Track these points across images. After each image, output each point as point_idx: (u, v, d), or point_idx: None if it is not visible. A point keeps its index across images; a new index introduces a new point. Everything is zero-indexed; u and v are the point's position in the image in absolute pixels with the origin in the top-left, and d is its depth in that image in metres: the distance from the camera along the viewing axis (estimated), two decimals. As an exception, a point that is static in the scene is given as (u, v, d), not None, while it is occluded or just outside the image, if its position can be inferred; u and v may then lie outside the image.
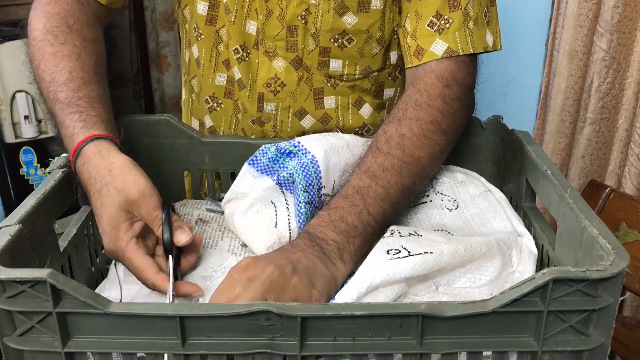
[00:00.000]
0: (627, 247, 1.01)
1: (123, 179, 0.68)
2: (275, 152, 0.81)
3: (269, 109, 0.94)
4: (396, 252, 0.64)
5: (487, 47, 0.87)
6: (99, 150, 0.70)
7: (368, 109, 0.97)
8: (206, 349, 0.53)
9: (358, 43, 0.90)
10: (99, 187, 0.69)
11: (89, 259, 0.79)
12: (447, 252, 0.65)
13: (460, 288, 0.68)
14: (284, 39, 0.89)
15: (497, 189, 0.86)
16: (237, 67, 0.93)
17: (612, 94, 1.72)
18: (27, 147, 2.01)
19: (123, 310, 0.52)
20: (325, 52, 0.90)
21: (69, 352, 0.54)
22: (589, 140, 1.78)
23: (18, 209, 0.64)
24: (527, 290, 0.52)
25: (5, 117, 1.95)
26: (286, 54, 0.90)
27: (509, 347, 0.55)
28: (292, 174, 0.77)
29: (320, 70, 0.92)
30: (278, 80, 0.92)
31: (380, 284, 0.61)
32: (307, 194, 0.76)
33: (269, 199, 0.80)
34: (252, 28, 0.90)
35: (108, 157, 0.70)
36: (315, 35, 0.89)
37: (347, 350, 0.54)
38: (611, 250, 0.55)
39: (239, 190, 0.82)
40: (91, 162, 0.70)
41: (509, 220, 0.80)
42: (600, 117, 1.75)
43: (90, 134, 0.72)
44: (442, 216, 0.82)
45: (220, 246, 0.78)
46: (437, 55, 0.84)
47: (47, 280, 0.51)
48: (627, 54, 1.69)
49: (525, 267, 0.72)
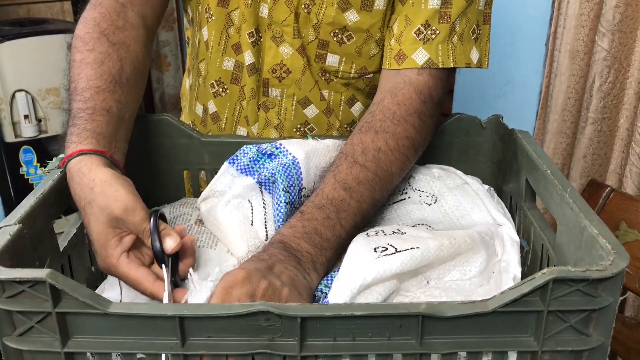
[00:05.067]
0: (627, 246, 1.01)
1: (104, 197, 0.67)
2: (257, 153, 0.82)
3: (274, 94, 0.94)
4: (383, 250, 0.65)
5: (470, 63, 0.86)
6: (80, 168, 0.69)
7: (359, 107, 0.97)
8: (206, 350, 0.53)
9: (357, 41, 0.90)
10: (83, 204, 0.68)
11: (88, 259, 0.78)
12: (433, 246, 0.66)
13: (451, 281, 0.68)
14: (291, 24, 0.89)
15: (476, 181, 0.86)
16: (251, 51, 0.93)
17: (614, 94, 1.72)
18: (27, 147, 2.01)
19: (123, 310, 0.52)
20: (323, 45, 0.90)
21: (69, 352, 0.54)
22: (591, 140, 1.78)
23: (17, 209, 0.64)
24: (527, 290, 0.52)
25: (5, 116, 1.96)
26: (293, 40, 0.90)
27: (509, 347, 0.55)
28: (274, 173, 0.78)
29: (317, 62, 0.92)
30: (284, 67, 0.92)
31: (372, 282, 0.62)
32: (288, 195, 0.76)
33: (247, 197, 0.80)
34: (265, 11, 0.90)
35: (89, 174, 0.68)
36: (316, 26, 0.89)
37: (347, 350, 0.54)
38: (611, 250, 0.55)
39: (217, 188, 0.83)
40: (74, 180, 0.69)
41: (487, 211, 0.80)
42: (602, 117, 1.75)
43: (77, 149, 0.70)
44: (422, 211, 0.83)
45: (220, 246, 0.78)
46: (417, 64, 0.84)
47: (47, 280, 0.51)
48: (628, 53, 1.69)
49: (510, 255, 0.72)
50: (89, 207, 0.67)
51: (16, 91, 1.95)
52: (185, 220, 0.83)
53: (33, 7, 2.24)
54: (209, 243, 0.78)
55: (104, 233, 0.67)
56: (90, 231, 0.68)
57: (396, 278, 0.64)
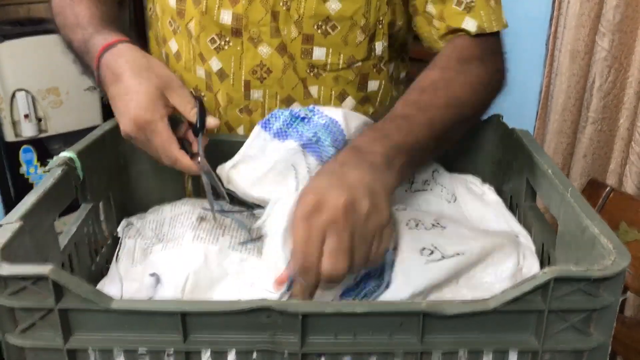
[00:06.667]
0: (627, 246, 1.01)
1: (164, 70, 0.78)
2: (290, 116, 0.78)
3: (256, 96, 0.93)
4: (430, 253, 0.65)
5: (505, 25, 0.89)
6: (136, 48, 0.80)
7: (351, 102, 0.96)
8: (208, 346, 0.54)
9: (342, 31, 0.89)
10: (137, 70, 0.76)
11: (89, 257, 0.79)
12: (476, 250, 0.66)
13: (482, 282, 0.67)
14: (268, 24, 0.89)
15: (492, 191, 0.86)
16: (216, 57, 0.92)
17: (614, 94, 1.72)
18: (27, 146, 2.01)
19: (125, 306, 0.53)
20: (308, 40, 0.90)
21: (71, 349, 0.54)
22: (591, 140, 1.79)
23: (18, 207, 0.64)
24: (528, 289, 0.52)
25: (5, 115, 1.95)
26: (271, 40, 0.90)
27: (509, 345, 0.55)
28: (316, 132, 0.75)
29: (304, 59, 0.91)
30: (264, 67, 0.91)
31: (423, 291, 0.62)
32: (335, 149, 0.74)
33: (290, 162, 0.76)
34: (227, 18, 0.89)
35: (145, 54, 0.79)
36: (299, 22, 0.88)
37: (348, 347, 0.54)
38: (612, 250, 0.55)
39: (250, 153, 0.80)
40: (129, 53, 0.78)
41: (505, 221, 0.80)
42: (602, 117, 1.75)
43: (125, 38, 0.81)
44: (441, 205, 0.83)
45: (222, 243, 0.78)
46: (470, 31, 0.86)
47: (49, 276, 0.51)
48: (628, 53, 1.69)
49: (531, 263, 0.72)
50: (144, 72, 0.76)
51: (16, 91, 1.95)
52: (187, 218, 0.83)
53: (33, 7, 2.24)
54: (211, 239, 0.78)
55: (156, 93, 0.75)
56: (138, 90, 0.75)
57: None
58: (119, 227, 0.87)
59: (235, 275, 0.74)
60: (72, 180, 0.75)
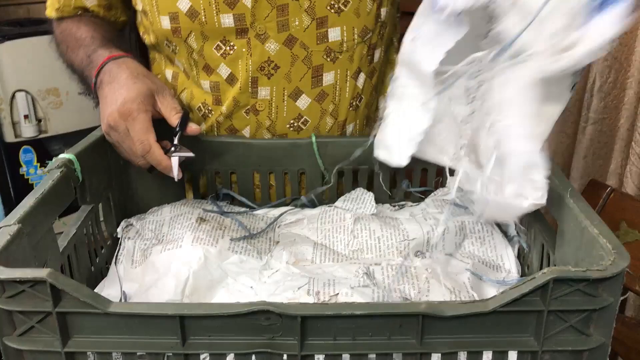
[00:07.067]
0: (627, 246, 1.01)
1: (159, 81, 0.86)
2: None
3: (263, 94, 0.94)
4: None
5: None
6: (125, 60, 0.87)
7: (362, 77, 0.98)
8: (206, 349, 0.53)
9: (353, 3, 0.91)
10: (135, 73, 0.83)
11: (88, 258, 0.78)
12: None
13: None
14: (274, 19, 0.89)
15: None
16: (224, 63, 0.93)
17: (614, 94, 1.72)
18: (27, 147, 2.01)
19: (123, 310, 0.52)
20: (322, 23, 0.91)
21: (69, 352, 0.54)
22: (591, 140, 1.78)
23: (17, 209, 0.64)
24: (528, 289, 0.52)
25: (5, 116, 1.95)
26: (278, 35, 0.90)
27: (509, 346, 0.55)
28: None
29: (320, 44, 0.92)
30: (272, 63, 0.92)
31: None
32: None
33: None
34: (228, 21, 0.89)
35: (135, 62, 0.87)
36: (310, 8, 0.89)
37: (347, 349, 0.54)
38: (611, 250, 0.55)
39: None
40: (132, 64, 0.86)
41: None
42: (602, 117, 1.75)
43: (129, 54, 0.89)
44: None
45: (221, 244, 0.78)
46: None
47: (47, 280, 0.51)
48: (628, 53, 1.69)
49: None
50: (142, 77, 0.83)
51: (16, 91, 1.94)
52: (186, 219, 0.83)
53: (33, 7, 2.24)
54: (210, 241, 0.78)
55: (147, 93, 0.81)
56: (131, 85, 0.81)
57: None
58: (118, 228, 0.87)
59: (234, 276, 0.74)
60: (71, 181, 0.75)
